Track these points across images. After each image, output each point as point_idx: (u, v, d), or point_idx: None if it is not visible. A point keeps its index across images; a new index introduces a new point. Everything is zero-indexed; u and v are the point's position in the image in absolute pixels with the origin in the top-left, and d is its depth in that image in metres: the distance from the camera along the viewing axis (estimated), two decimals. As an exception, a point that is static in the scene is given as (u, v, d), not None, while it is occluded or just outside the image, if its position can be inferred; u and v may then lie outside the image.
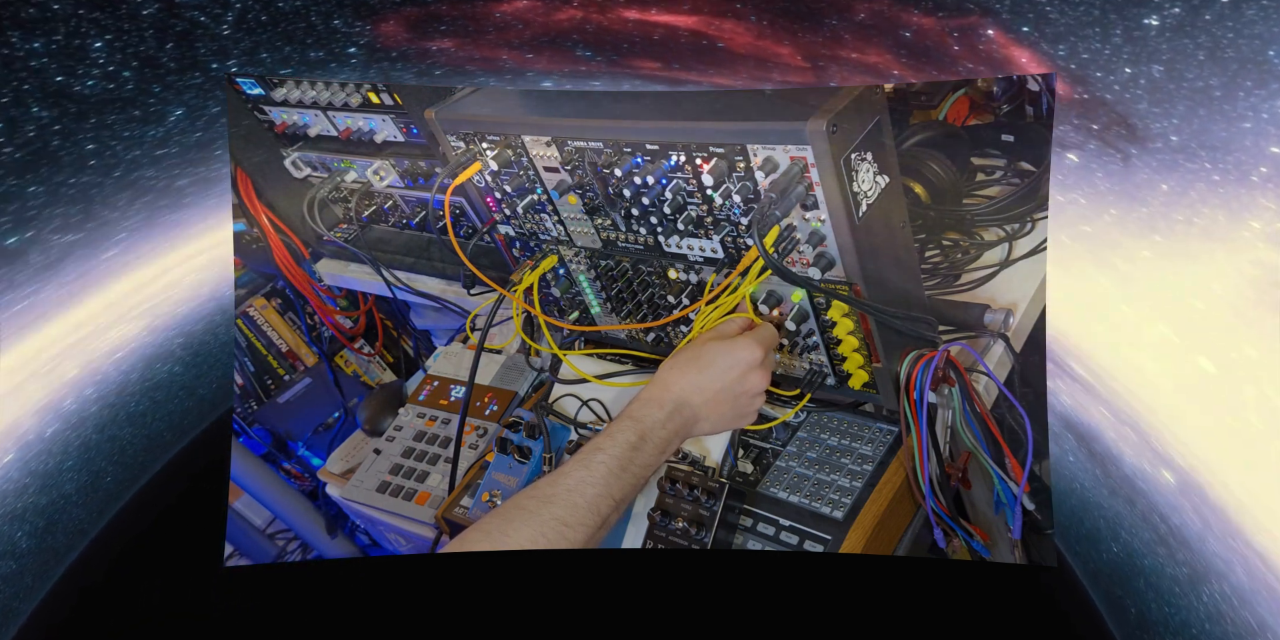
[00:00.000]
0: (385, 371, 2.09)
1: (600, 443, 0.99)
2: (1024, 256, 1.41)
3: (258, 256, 1.77)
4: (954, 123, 1.75)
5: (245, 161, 1.59)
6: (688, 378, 1.03)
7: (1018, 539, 1.05)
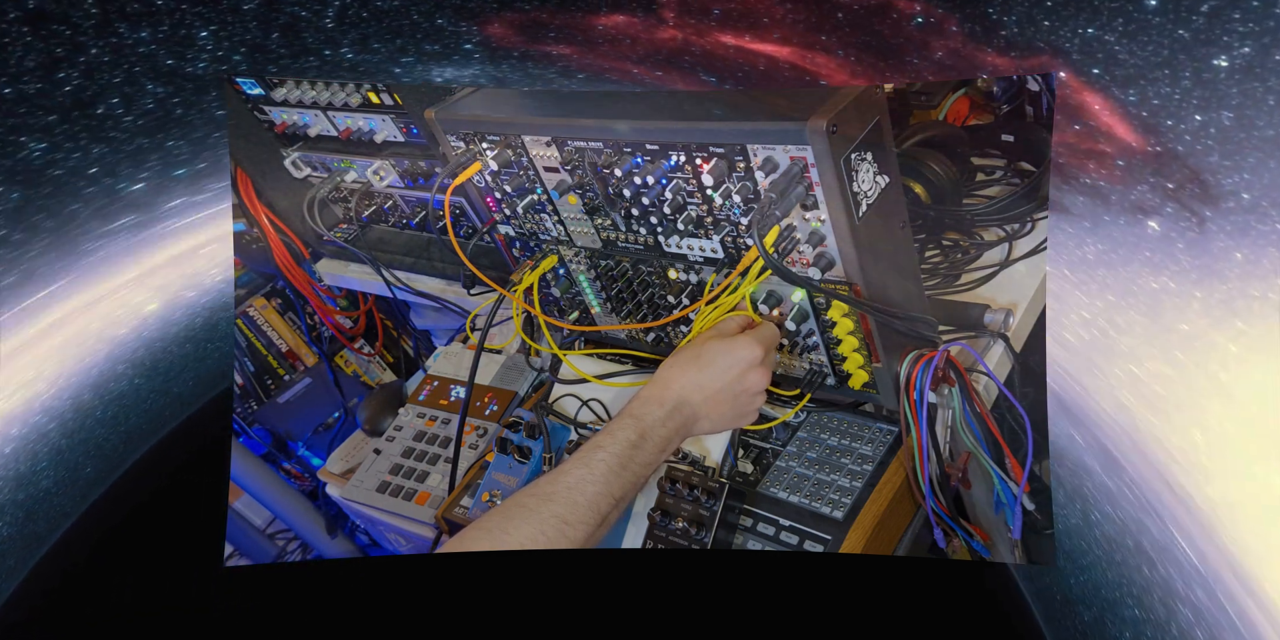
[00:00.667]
0: (385, 371, 2.09)
1: (600, 441, 0.99)
2: (1024, 256, 1.41)
3: (258, 256, 1.77)
4: (954, 123, 1.75)
5: (245, 161, 1.59)
6: (688, 376, 1.03)
7: (1018, 539, 1.05)
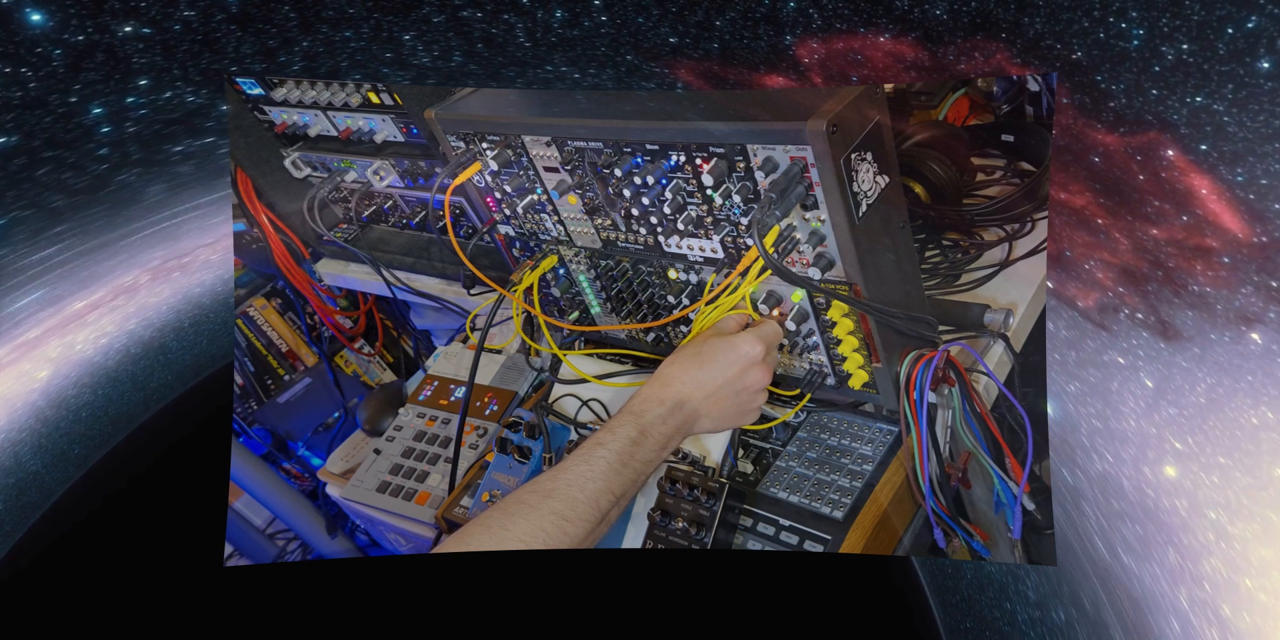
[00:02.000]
0: (385, 371, 2.09)
1: (601, 438, 0.99)
2: (1024, 256, 1.41)
3: (258, 256, 1.77)
4: (954, 123, 1.75)
5: (245, 161, 1.59)
6: (689, 374, 1.03)
7: (1018, 539, 1.05)
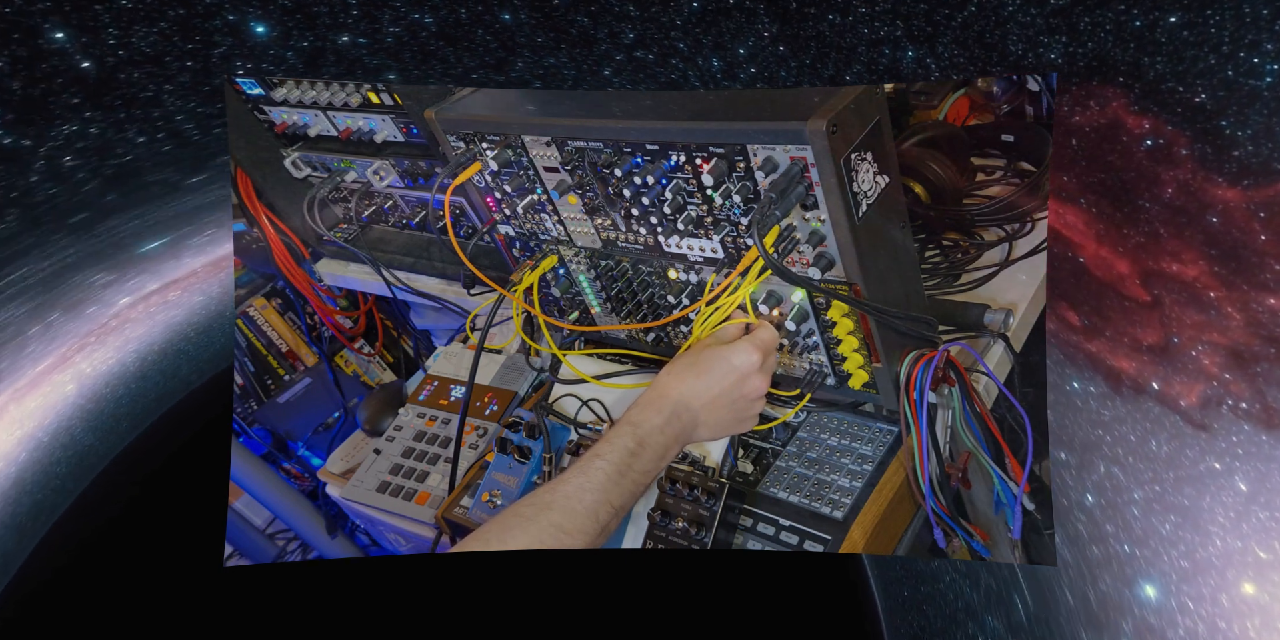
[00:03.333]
0: (385, 371, 2.09)
1: (599, 449, 0.98)
2: (1024, 256, 1.41)
3: (258, 256, 1.77)
4: (954, 123, 1.75)
5: (245, 161, 1.59)
6: (686, 383, 1.03)
7: (1018, 539, 1.05)
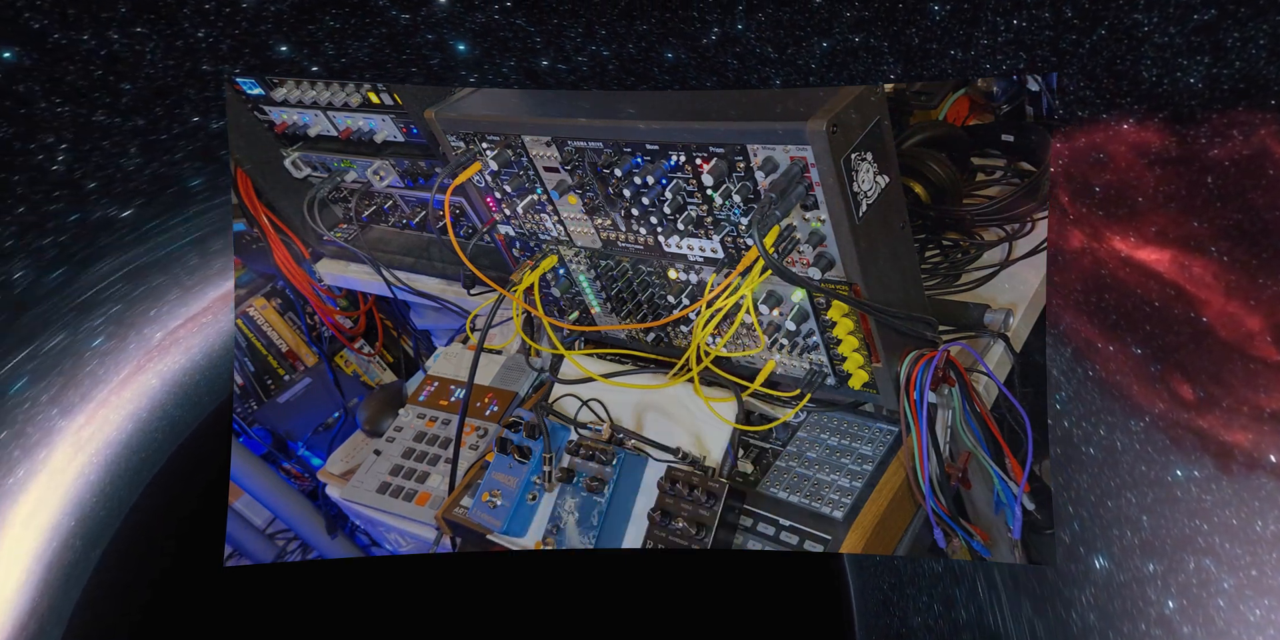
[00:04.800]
0: (385, 371, 2.09)
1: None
2: (1024, 256, 1.41)
3: (258, 256, 1.77)
4: (954, 123, 1.75)
5: (245, 161, 1.59)
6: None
7: (1018, 539, 1.05)
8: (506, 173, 1.16)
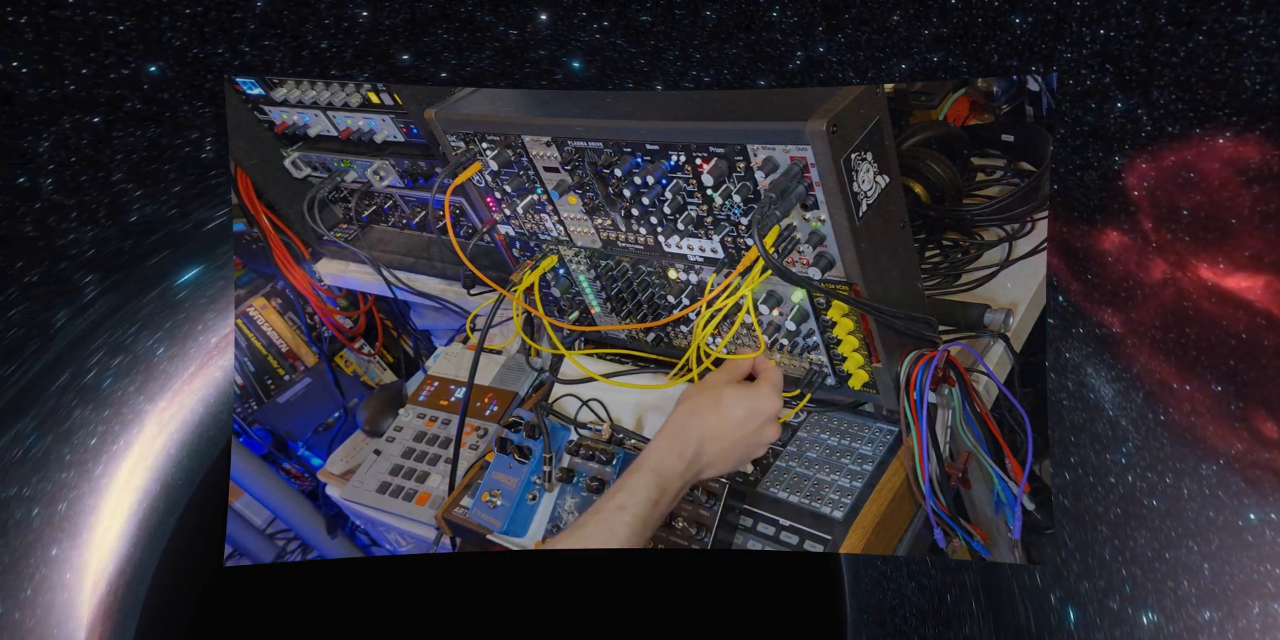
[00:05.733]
0: (385, 371, 2.09)
1: (621, 500, 0.95)
2: (1024, 256, 1.41)
3: (258, 256, 1.77)
4: (954, 123, 1.75)
5: (245, 161, 1.59)
6: (708, 424, 1.00)
7: (1018, 539, 1.05)
8: (506, 173, 1.16)
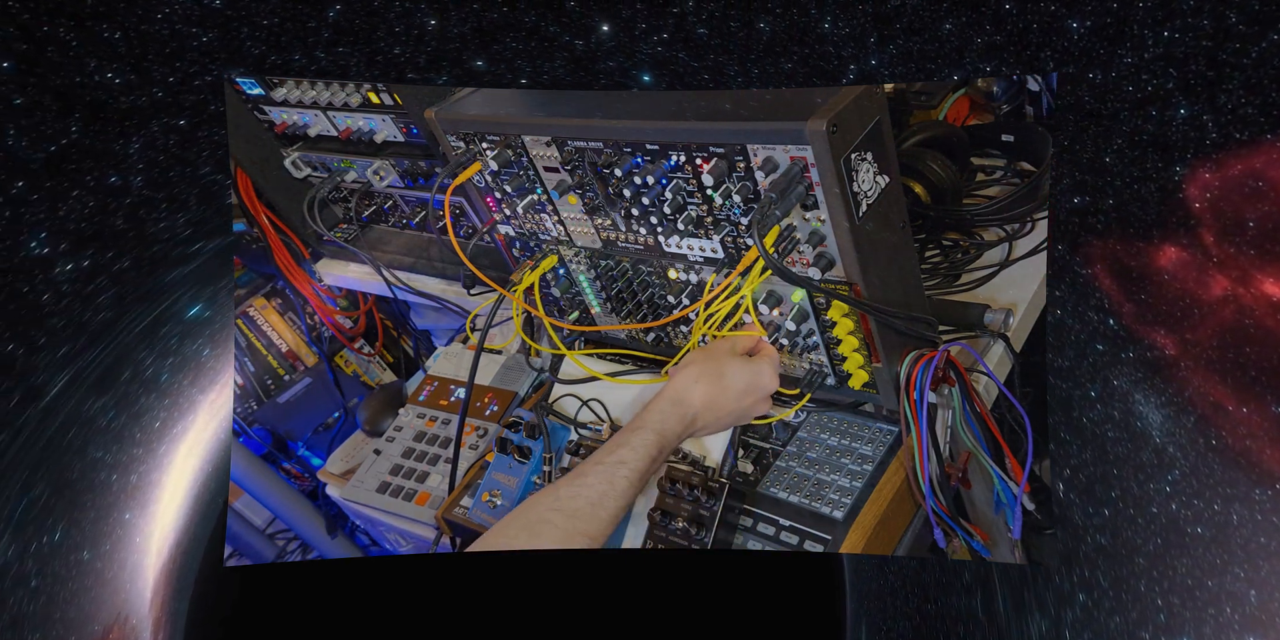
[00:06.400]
0: (385, 371, 2.09)
1: (623, 455, 0.99)
2: (1024, 256, 1.41)
3: (258, 256, 1.77)
4: (954, 123, 1.75)
5: (245, 161, 1.59)
6: (709, 393, 1.05)
7: (1018, 539, 1.05)
8: (506, 173, 1.16)
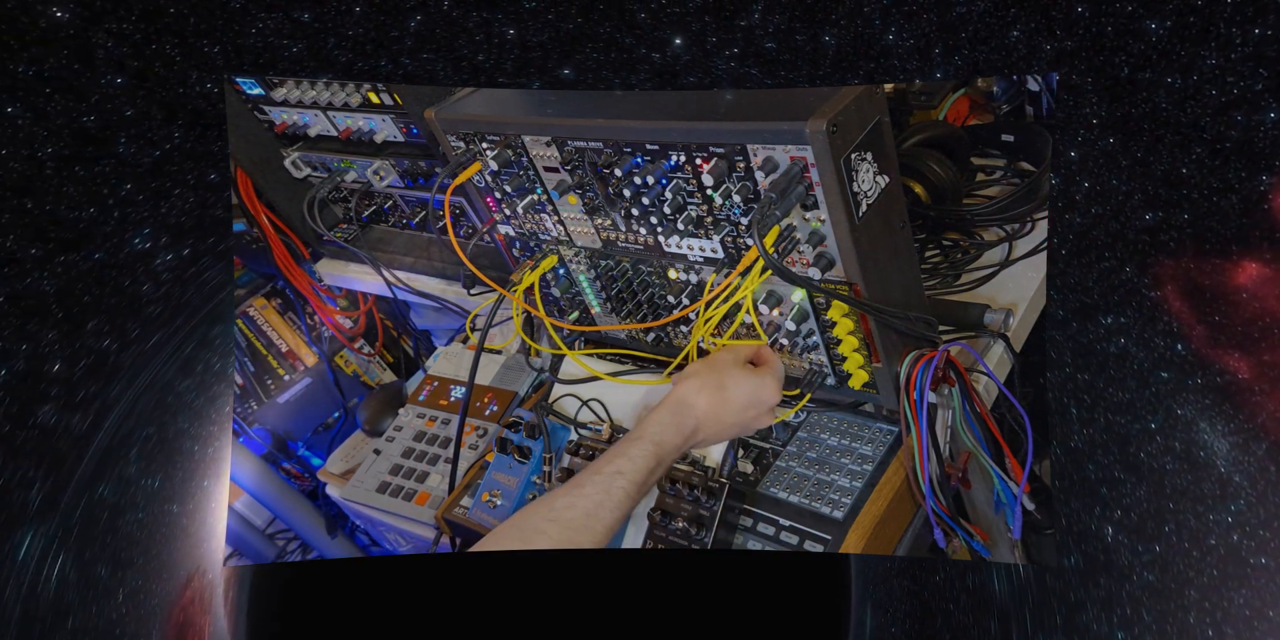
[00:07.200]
0: (385, 371, 2.09)
1: (621, 466, 0.98)
2: (1024, 256, 1.41)
3: (258, 256, 1.77)
4: (954, 123, 1.75)
5: (245, 161, 1.59)
6: (710, 405, 1.03)
7: (1018, 539, 1.05)
8: (506, 173, 1.16)
